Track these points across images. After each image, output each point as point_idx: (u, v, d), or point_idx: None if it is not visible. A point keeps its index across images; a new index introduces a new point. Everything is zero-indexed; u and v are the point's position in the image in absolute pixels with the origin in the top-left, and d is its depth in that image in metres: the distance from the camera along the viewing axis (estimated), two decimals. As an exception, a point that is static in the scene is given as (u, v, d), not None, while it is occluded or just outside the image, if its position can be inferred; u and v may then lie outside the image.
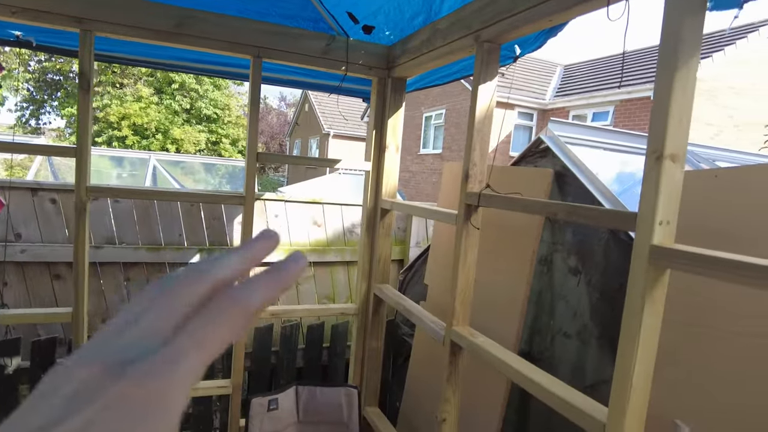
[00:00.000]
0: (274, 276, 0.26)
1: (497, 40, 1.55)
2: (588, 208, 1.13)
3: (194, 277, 0.25)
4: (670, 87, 0.95)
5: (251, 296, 0.25)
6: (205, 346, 0.23)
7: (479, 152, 1.62)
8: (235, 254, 0.27)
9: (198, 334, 0.23)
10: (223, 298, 0.24)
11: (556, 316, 1.71)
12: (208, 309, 0.24)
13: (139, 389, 0.20)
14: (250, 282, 0.26)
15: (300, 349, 3.04)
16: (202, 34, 1.95)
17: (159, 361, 0.21)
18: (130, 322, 0.23)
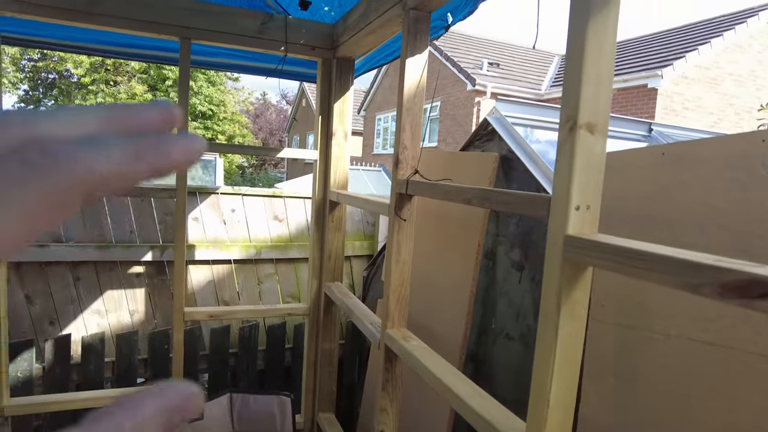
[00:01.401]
0: (140, 143, 0.18)
1: (424, 7, 1.37)
2: (501, 193, 0.96)
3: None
4: (583, 39, 0.77)
5: (87, 155, 0.16)
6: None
7: (410, 133, 1.45)
8: (95, 109, 0.19)
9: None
10: (36, 149, 0.16)
11: (498, 315, 1.54)
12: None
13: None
14: (92, 139, 0.17)
15: (261, 350, 2.88)
16: (120, 13, 1.78)
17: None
18: None
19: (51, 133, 0.18)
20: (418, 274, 1.53)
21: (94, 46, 2.21)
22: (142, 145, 0.18)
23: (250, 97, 21.80)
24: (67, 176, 0.16)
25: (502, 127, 1.58)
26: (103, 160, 0.17)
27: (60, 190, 0.16)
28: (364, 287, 2.89)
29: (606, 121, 0.82)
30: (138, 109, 0.20)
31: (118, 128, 0.19)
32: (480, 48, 13.70)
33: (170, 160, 0.19)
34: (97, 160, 0.17)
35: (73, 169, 0.16)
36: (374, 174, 8.13)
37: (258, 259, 2.98)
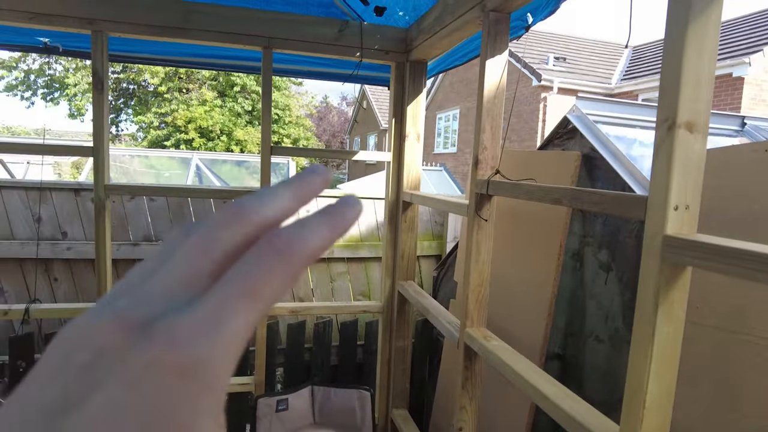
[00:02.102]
0: (330, 218, 0.21)
1: (504, 8, 1.38)
2: (592, 193, 0.96)
3: (235, 214, 0.20)
4: (683, 40, 0.76)
5: (306, 238, 0.20)
6: (254, 298, 0.18)
7: (490, 134, 1.46)
8: (285, 189, 0.22)
9: (245, 284, 0.18)
10: (273, 239, 0.19)
11: (587, 317, 1.51)
12: (254, 253, 0.19)
13: (174, 356, 0.15)
14: (303, 222, 0.20)
15: (334, 346, 2.98)
16: (209, 27, 1.91)
17: (198, 319, 0.16)
18: (155, 270, 0.18)
19: (271, 216, 0.21)
20: (494, 274, 1.54)
21: (180, 58, 2.38)
22: (333, 221, 0.21)
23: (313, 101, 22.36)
24: (299, 260, 0.19)
25: (584, 125, 1.56)
26: (318, 239, 0.20)
27: (296, 267, 0.19)
28: (435, 287, 2.91)
29: (707, 120, 0.80)
30: (309, 182, 0.23)
31: (304, 202, 0.22)
32: (545, 42, 13.32)
33: (348, 224, 0.22)
34: (314, 240, 0.20)
35: (303, 254, 0.19)
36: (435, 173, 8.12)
37: (330, 258, 3.08)
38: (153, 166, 6.41)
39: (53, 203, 2.72)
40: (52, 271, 2.78)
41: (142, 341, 0.16)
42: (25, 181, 2.91)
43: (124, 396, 0.15)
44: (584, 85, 11.78)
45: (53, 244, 2.72)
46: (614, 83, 12.17)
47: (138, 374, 0.15)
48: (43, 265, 2.74)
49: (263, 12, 1.96)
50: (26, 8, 1.79)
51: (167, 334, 0.16)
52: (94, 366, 0.15)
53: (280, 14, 1.98)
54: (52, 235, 2.74)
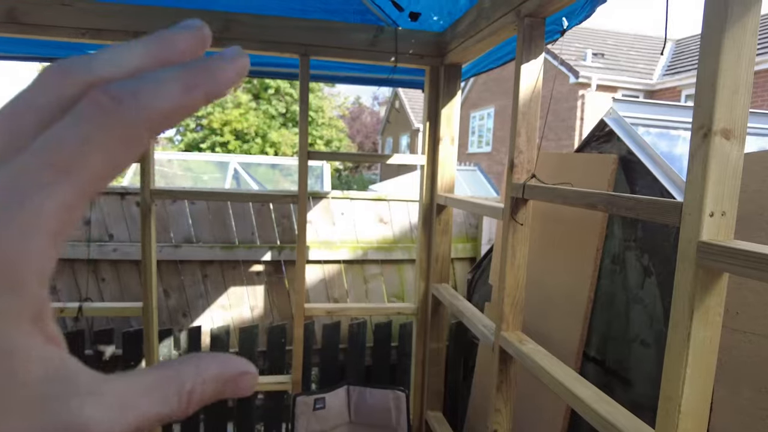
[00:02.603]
0: (189, 72, 0.17)
1: (540, 14, 1.38)
2: (626, 198, 0.96)
3: (60, 71, 0.17)
4: (719, 44, 0.76)
5: (144, 93, 0.16)
6: (68, 169, 0.15)
7: (525, 138, 1.47)
8: (137, 44, 0.18)
9: (56, 150, 0.15)
10: (98, 93, 0.16)
11: (631, 321, 1.50)
12: (73, 112, 0.16)
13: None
14: (146, 75, 0.17)
15: (368, 347, 3.02)
16: (248, 36, 1.98)
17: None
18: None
19: (106, 74, 0.17)
20: (529, 277, 1.54)
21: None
22: (193, 73, 0.18)
23: (345, 102, 22.56)
24: (133, 114, 0.16)
25: (621, 128, 1.54)
26: (162, 96, 0.17)
27: (130, 129, 0.16)
28: (469, 290, 2.92)
29: (744, 126, 0.80)
30: (172, 37, 0.19)
31: (162, 61, 0.18)
32: (582, 38, 13.04)
33: (221, 82, 0.18)
34: (156, 97, 0.17)
35: (137, 107, 0.16)
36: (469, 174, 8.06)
37: (364, 259, 3.13)
38: (191, 170, 6.62)
39: (101, 206, 2.86)
40: (99, 272, 2.93)
41: None
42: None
43: None
44: (624, 81, 11.48)
45: (100, 246, 2.86)
46: (656, 79, 11.81)
47: None
48: (91, 266, 2.89)
49: (301, 20, 2.01)
50: (78, 25, 1.90)
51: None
52: None
53: (317, 22, 2.03)
54: (100, 237, 2.88)
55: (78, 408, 0.14)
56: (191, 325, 3.07)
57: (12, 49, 2.19)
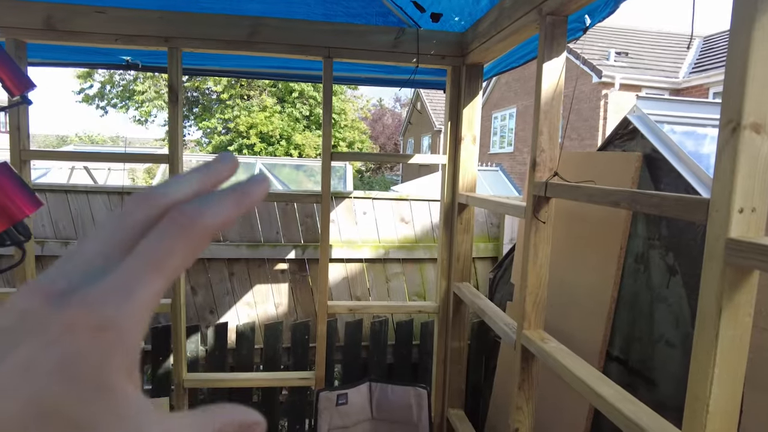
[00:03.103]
0: (234, 194, 0.24)
1: (562, 12, 1.38)
2: (651, 195, 0.96)
3: (144, 197, 0.23)
4: (749, 35, 0.76)
5: (207, 213, 0.22)
6: (160, 268, 0.20)
7: (547, 136, 1.47)
8: (193, 175, 0.25)
9: (151, 255, 0.20)
10: (177, 213, 0.21)
11: (655, 321, 1.48)
12: (159, 228, 0.21)
13: (87, 320, 0.18)
14: (206, 198, 0.23)
15: (390, 345, 3.03)
16: (274, 40, 2.02)
17: (109, 288, 0.19)
18: (75, 252, 0.21)
19: (178, 197, 0.23)
20: (551, 276, 1.54)
21: (244, 69, 2.52)
22: (238, 196, 0.24)
23: (368, 104, 22.63)
24: (202, 228, 0.22)
25: (645, 125, 1.53)
26: (219, 215, 0.22)
27: (199, 238, 0.22)
28: (491, 289, 2.91)
29: (773, 121, 0.79)
30: (218, 168, 0.26)
31: (213, 185, 0.25)
32: (606, 37, 12.85)
33: (255, 199, 0.24)
34: (217, 214, 0.22)
35: (204, 223, 0.22)
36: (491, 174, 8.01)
37: (386, 258, 3.15)
38: (217, 170, 6.72)
39: (132, 206, 2.95)
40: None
41: (60, 306, 0.18)
42: (107, 186, 3.16)
43: (40, 353, 0.17)
44: (648, 80, 11.26)
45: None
46: (682, 77, 11.55)
47: (55, 334, 0.17)
48: (123, 264, 2.97)
49: (324, 24, 2.04)
50: (112, 31, 1.97)
51: (82, 299, 0.18)
52: (15, 329, 0.18)
53: (341, 25, 2.06)
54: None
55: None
56: (218, 321, 3.13)
57: (48, 55, 2.28)
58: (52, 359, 0.17)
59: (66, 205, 2.88)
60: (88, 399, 0.17)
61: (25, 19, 1.94)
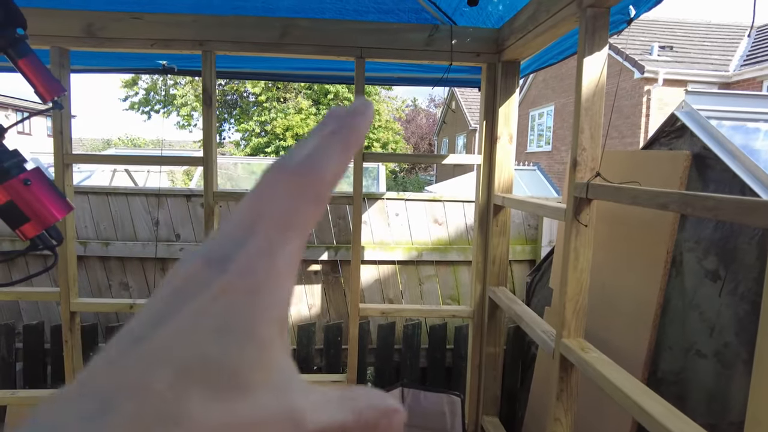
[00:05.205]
0: (339, 136, 0.24)
1: (603, 3, 1.31)
2: (705, 198, 0.88)
3: (276, 168, 0.24)
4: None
5: (326, 169, 0.23)
6: (292, 226, 0.22)
7: (589, 135, 1.40)
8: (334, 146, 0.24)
9: (282, 216, 0.22)
10: (291, 174, 0.23)
11: (686, 329, 1.39)
12: (282, 189, 0.22)
13: (242, 281, 0.20)
14: (319, 152, 0.23)
15: (423, 348, 2.99)
16: (305, 41, 2.01)
17: (251, 253, 0.21)
18: (225, 223, 0.23)
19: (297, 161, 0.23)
20: (591, 281, 1.46)
21: (278, 71, 2.52)
22: (344, 134, 0.24)
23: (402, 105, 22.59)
24: (318, 183, 0.22)
25: (694, 122, 1.43)
26: (331, 162, 0.23)
27: (318, 194, 0.22)
28: (528, 293, 2.82)
29: None
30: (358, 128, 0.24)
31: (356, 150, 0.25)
32: (648, 31, 12.38)
33: (362, 134, 0.24)
34: (328, 164, 0.22)
35: (318, 178, 0.22)
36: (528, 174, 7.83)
37: (419, 260, 3.10)
38: (255, 172, 6.85)
39: (168, 208, 3.00)
40: (167, 270, 3.07)
41: (218, 271, 0.20)
42: (145, 188, 3.24)
43: (206, 307, 0.19)
44: (695, 75, 10.79)
45: (168, 245, 3.00)
46: (732, 70, 11.01)
47: (216, 294, 0.19)
48: (160, 264, 3.04)
49: (356, 23, 2.02)
50: (148, 36, 2.00)
51: (235, 265, 0.20)
52: (184, 289, 0.20)
53: (372, 23, 2.03)
54: (167, 237, 3.02)
55: (299, 400, 0.20)
56: (251, 323, 3.16)
57: (89, 62, 2.34)
58: (215, 312, 0.19)
59: (107, 206, 2.96)
60: (244, 352, 0.19)
61: (67, 28, 2.00)
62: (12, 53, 0.96)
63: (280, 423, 0.20)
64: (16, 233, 0.95)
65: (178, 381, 0.18)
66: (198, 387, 0.18)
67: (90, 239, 2.96)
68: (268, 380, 0.20)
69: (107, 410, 0.16)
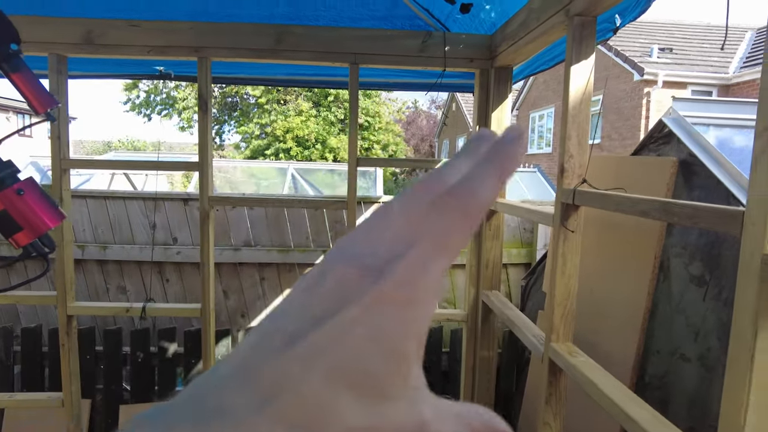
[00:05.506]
0: (495, 162, 0.25)
1: (590, 12, 1.33)
2: (683, 206, 0.90)
3: (424, 184, 0.25)
4: (784, 40, 0.70)
5: (479, 194, 0.23)
6: (445, 247, 0.22)
7: (576, 141, 1.41)
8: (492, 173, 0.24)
9: (439, 235, 0.22)
10: (448, 197, 0.23)
11: (672, 334, 1.40)
12: (439, 209, 0.23)
13: (397, 295, 0.21)
14: (474, 177, 0.24)
15: (419, 352, 3.00)
16: (300, 47, 2.03)
17: (411, 265, 0.21)
18: (372, 231, 0.23)
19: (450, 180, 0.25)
20: (580, 285, 1.48)
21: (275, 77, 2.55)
22: (500, 161, 0.24)
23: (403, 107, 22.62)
24: (473, 206, 0.23)
25: (681, 128, 1.45)
26: (489, 190, 0.23)
27: (472, 217, 0.23)
28: (523, 297, 2.84)
29: (817, 127, 0.73)
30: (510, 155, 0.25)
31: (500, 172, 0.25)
32: (647, 33, 12.40)
33: (516, 161, 0.25)
34: (484, 188, 0.23)
35: (480, 203, 0.23)
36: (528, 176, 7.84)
37: (416, 264, 3.11)
38: (254, 175, 6.87)
39: (166, 211, 3.03)
40: (164, 273, 3.09)
41: (376, 280, 0.21)
42: (143, 192, 3.26)
43: (361, 315, 0.20)
44: (695, 76, 10.82)
45: (165, 249, 3.02)
46: (732, 72, 11.03)
47: (371, 302, 0.20)
48: (157, 268, 3.06)
49: (350, 30, 2.04)
50: (145, 43, 2.02)
51: (393, 276, 0.21)
52: (339, 293, 0.21)
53: (366, 30, 2.05)
54: (165, 241, 3.04)
55: (427, 413, 0.21)
56: (249, 325, 3.18)
57: (87, 68, 2.37)
58: (368, 321, 0.20)
59: (105, 210, 2.98)
60: (391, 359, 0.20)
61: (65, 35, 2.02)
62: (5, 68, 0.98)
63: (408, 430, 0.21)
64: (9, 241, 0.97)
65: (331, 381, 0.19)
66: (348, 389, 0.19)
67: (88, 243, 2.98)
68: (405, 390, 0.21)
69: (267, 402, 0.18)
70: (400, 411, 0.20)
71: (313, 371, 0.19)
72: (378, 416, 0.20)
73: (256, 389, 0.19)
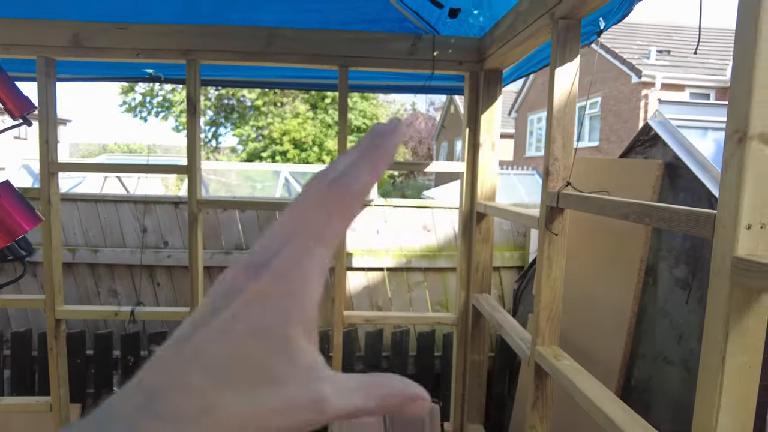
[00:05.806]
0: (367, 154, 0.26)
1: (574, 15, 1.33)
2: (661, 208, 0.90)
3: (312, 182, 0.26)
4: (754, 39, 0.70)
5: (354, 186, 0.25)
6: (320, 239, 0.24)
7: (561, 144, 1.41)
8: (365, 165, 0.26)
9: (315, 228, 0.24)
10: (323, 189, 0.25)
11: (657, 337, 1.40)
12: (314, 203, 0.25)
13: (274, 286, 0.22)
14: (348, 171, 0.25)
15: (411, 355, 2.99)
16: (289, 50, 2.03)
17: (285, 261, 0.23)
18: (268, 231, 0.25)
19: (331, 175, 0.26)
20: (569, 288, 1.48)
21: (266, 79, 2.54)
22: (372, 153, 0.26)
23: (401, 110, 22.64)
24: (347, 197, 0.24)
25: (666, 131, 1.45)
26: (363, 182, 0.25)
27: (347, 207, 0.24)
28: (515, 300, 2.84)
29: (788, 129, 0.72)
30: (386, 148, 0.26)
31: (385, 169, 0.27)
32: (645, 35, 12.41)
33: (391, 151, 0.26)
34: (357, 179, 0.25)
35: (353, 196, 0.24)
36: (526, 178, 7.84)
37: (408, 267, 3.11)
38: (250, 178, 6.86)
39: (157, 215, 3.02)
40: (155, 276, 3.08)
41: (255, 278, 0.22)
42: (134, 195, 3.26)
43: (240, 310, 0.22)
44: (692, 79, 10.83)
45: (156, 252, 3.01)
46: (730, 74, 11.03)
47: (250, 298, 0.22)
48: (147, 271, 3.05)
49: (339, 32, 2.04)
50: (134, 46, 2.02)
51: (269, 272, 0.22)
52: (226, 293, 0.23)
53: (356, 33, 2.05)
54: (156, 244, 3.04)
55: (323, 389, 0.22)
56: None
57: (76, 71, 2.36)
58: (248, 315, 0.21)
59: (96, 213, 2.98)
60: (273, 347, 0.21)
61: (53, 38, 2.02)
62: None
63: (304, 409, 0.22)
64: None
65: (213, 376, 0.20)
66: (230, 382, 0.20)
67: (79, 246, 2.97)
68: (294, 373, 0.22)
69: (153, 401, 0.20)
70: (290, 392, 0.21)
71: (194, 369, 0.20)
72: (265, 401, 0.21)
73: (143, 392, 0.20)
